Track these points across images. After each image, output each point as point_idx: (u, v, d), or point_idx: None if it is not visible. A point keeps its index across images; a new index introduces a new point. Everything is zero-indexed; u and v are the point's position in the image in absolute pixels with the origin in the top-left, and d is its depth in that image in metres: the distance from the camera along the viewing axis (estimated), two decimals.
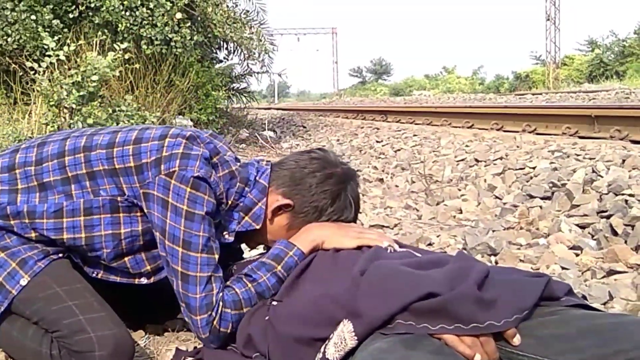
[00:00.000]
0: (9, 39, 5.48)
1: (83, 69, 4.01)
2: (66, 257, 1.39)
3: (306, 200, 1.40)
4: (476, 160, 4.10)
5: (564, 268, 1.89)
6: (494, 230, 2.42)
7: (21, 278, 1.32)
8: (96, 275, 1.42)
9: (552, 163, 3.42)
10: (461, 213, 2.96)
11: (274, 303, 1.26)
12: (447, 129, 6.71)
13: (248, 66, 9.01)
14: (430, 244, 2.37)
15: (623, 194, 2.40)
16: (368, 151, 5.83)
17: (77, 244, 1.36)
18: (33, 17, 5.50)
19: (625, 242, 2.03)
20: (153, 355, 1.49)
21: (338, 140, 7.42)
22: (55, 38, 4.61)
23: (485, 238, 2.25)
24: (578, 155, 3.61)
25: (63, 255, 1.39)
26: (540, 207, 2.64)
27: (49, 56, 4.07)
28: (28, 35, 5.47)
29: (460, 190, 3.44)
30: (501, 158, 3.94)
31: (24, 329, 1.34)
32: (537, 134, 5.50)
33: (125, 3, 5.84)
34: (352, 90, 50.36)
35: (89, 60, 4.02)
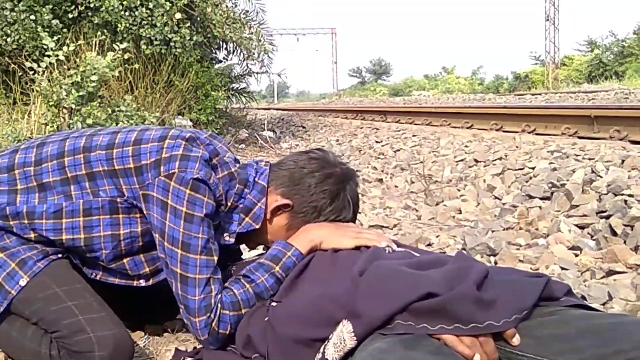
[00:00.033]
0: (9, 39, 5.48)
1: (82, 69, 4.01)
2: (65, 258, 1.39)
3: (305, 200, 1.40)
4: (475, 160, 4.09)
5: (563, 268, 1.89)
6: (493, 231, 2.42)
7: (20, 278, 1.32)
8: (95, 277, 1.42)
9: (552, 163, 3.42)
10: (460, 213, 2.96)
11: (273, 304, 1.26)
12: (447, 129, 6.71)
13: (247, 66, 9.01)
14: (429, 244, 2.38)
15: (622, 194, 2.40)
16: (367, 151, 5.83)
17: (76, 245, 1.36)
18: (32, 17, 5.50)
19: (624, 243, 2.03)
20: (152, 356, 1.49)
21: (337, 140, 7.42)
22: (55, 38, 4.60)
23: (485, 238, 2.25)
24: (577, 155, 3.61)
25: (62, 255, 1.39)
26: (540, 208, 2.64)
27: (49, 56, 4.07)
28: (27, 35, 5.46)
29: (459, 190, 3.44)
30: (500, 158, 3.94)
31: (24, 329, 1.34)
32: (537, 134, 5.49)
33: (124, 3, 5.84)
34: (352, 91, 50.38)
35: (88, 61, 4.01)
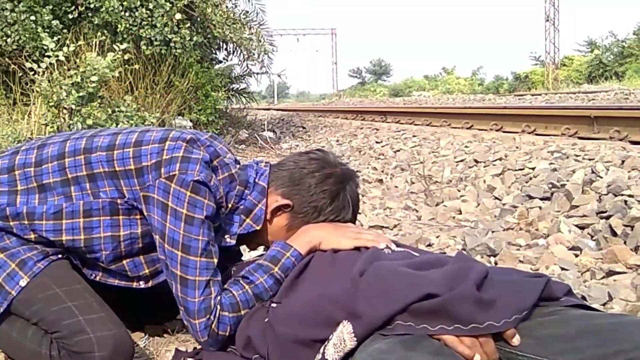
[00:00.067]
0: (9, 40, 5.47)
1: (82, 70, 4.01)
2: (65, 259, 1.39)
3: (305, 200, 1.40)
4: (475, 161, 4.10)
5: (563, 269, 1.89)
6: (493, 231, 2.42)
7: (21, 279, 1.32)
8: (95, 278, 1.42)
9: (552, 164, 3.42)
10: (460, 214, 2.96)
11: (273, 305, 1.25)
12: (447, 130, 6.71)
13: (247, 67, 9.00)
14: (429, 245, 2.38)
15: (622, 195, 2.40)
16: (367, 152, 5.83)
17: (76, 246, 1.36)
18: (32, 18, 5.49)
19: (624, 243, 2.03)
20: (152, 356, 1.49)
21: (337, 140, 7.42)
22: (55, 39, 4.61)
23: (485, 239, 2.25)
24: (577, 155, 3.61)
25: (62, 256, 1.39)
26: (540, 208, 2.64)
27: (49, 57, 4.07)
28: (27, 35, 5.46)
29: (459, 191, 3.44)
30: (500, 159, 3.94)
31: (24, 329, 1.34)
32: (537, 134, 5.49)
33: (124, 4, 5.84)
34: (352, 91, 50.36)
35: (88, 61, 4.02)
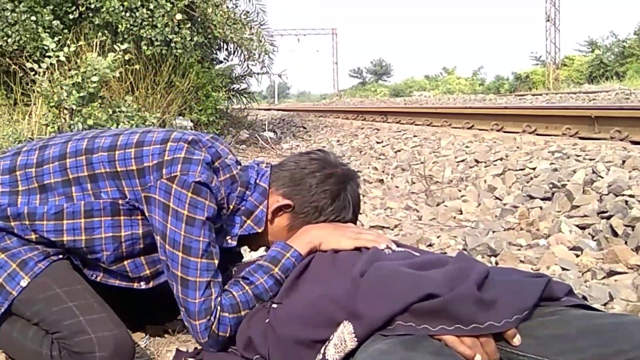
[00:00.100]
0: (9, 40, 5.48)
1: (83, 70, 4.02)
2: (66, 259, 1.40)
3: (306, 200, 1.40)
4: (476, 161, 4.10)
5: (564, 269, 1.89)
6: (494, 231, 2.42)
7: (21, 279, 1.32)
8: (95, 278, 1.42)
9: (553, 164, 3.42)
10: (461, 214, 2.96)
11: (274, 305, 1.25)
12: (447, 130, 6.71)
13: (248, 67, 9.01)
14: (430, 245, 2.38)
15: (623, 195, 2.40)
16: (368, 152, 5.83)
17: (77, 246, 1.36)
18: (33, 18, 5.50)
19: (625, 243, 2.03)
20: (153, 356, 1.49)
21: (338, 141, 7.42)
22: (56, 39, 4.62)
23: (486, 239, 2.25)
24: (578, 156, 3.61)
25: (63, 256, 1.39)
26: (541, 208, 2.64)
27: (49, 57, 4.07)
28: (28, 36, 5.47)
29: (460, 191, 3.44)
30: (501, 159, 3.94)
31: (24, 330, 1.35)
32: (537, 134, 5.49)
33: (125, 4, 5.84)
34: (352, 91, 50.31)
35: (89, 61, 4.02)
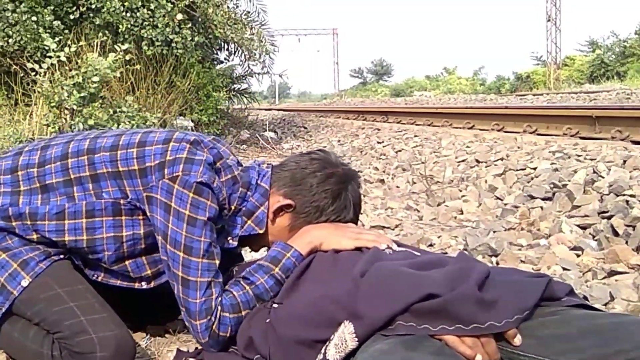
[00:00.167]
0: (10, 40, 5.49)
1: (84, 70, 4.02)
2: (67, 259, 1.40)
3: (307, 200, 1.40)
4: (477, 161, 4.10)
5: (565, 269, 1.89)
6: (494, 231, 2.42)
7: (22, 279, 1.32)
8: (96, 278, 1.42)
9: (553, 164, 3.42)
10: (462, 214, 2.96)
11: (275, 305, 1.25)
12: (448, 130, 6.71)
13: (249, 67, 9.02)
14: (431, 245, 2.38)
15: (624, 195, 2.40)
16: (369, 152, 5.83)
17: (79, 246, 1.36)
18: (34, 19, 5.50)
19: (626, 243, 2.03)
20: (154, 356, 1.49)
21: (339, 141, 7.42)
22: (56, 39, 4.62)
23: (486, 239, 2.25)
24: (579, 155, 3.61)
25: (64, 256, 1.39)
26: (541, 208, 2.64)
27: (50, 57, 4.07)
28: (29, 36, 5.47)
29: (461, 191, 3.44)
30: (502, 159, 3.94)
31: (25, 330, 1.35)
32: (538, 134, 5.49)
33: (126, 4, 5.84)
34: (353, 91, 50.29)
35: (89, 62, 4.02)
